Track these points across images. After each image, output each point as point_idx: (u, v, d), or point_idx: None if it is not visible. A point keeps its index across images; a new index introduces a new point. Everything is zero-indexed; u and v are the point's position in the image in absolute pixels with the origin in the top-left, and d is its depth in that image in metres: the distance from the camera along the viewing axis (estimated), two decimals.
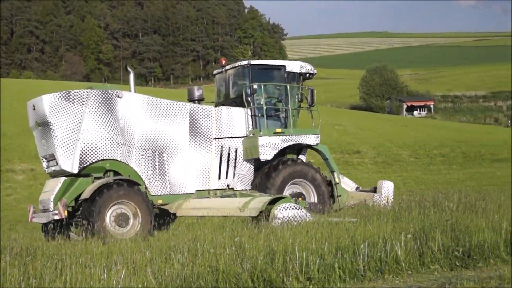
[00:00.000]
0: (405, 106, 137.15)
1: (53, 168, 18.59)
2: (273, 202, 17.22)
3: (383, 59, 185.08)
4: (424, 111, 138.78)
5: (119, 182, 18.05)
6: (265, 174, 20.34)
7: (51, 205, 17.93)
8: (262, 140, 20.18)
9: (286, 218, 16.37)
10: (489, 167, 47.64)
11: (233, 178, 20.45)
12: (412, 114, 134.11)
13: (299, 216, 16.55)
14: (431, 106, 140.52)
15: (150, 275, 10.50)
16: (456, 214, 15.32)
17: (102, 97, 18.53)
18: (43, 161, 19.09)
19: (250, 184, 20.69)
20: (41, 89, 54.79)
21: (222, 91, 22.19)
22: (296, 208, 16.88)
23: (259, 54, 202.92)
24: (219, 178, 20.25)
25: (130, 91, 19.32)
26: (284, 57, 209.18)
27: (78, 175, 18.26)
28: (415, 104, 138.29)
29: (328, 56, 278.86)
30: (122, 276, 10.34)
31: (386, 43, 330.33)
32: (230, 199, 19.20)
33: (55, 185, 18.25)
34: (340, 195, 21.42)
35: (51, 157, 18.48)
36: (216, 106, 20.87)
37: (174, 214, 19.52)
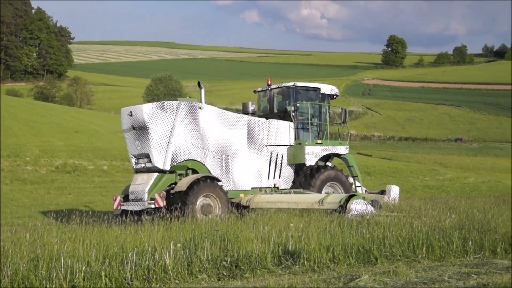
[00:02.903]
0: None
1: (143, 165, 21.71)
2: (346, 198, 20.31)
3: (169, 69, 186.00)
4: None
5: (209, 178, 21.40)
6: (308, 176, 24.15)
7: (146, 195, 21.19)
8: (308, 149, 24.54)
9: (358, 211, 19.25)
10: None
11: (279, 178, 24.51)
12: None
13: (367, 210, 19.49)
14: None
15: None
16: (227, 224, 15.43)
17: (189, 108, 22.02)
18: (132, 158, 22.19)
19: (291, 184, 24.67)
20: None
21: (265, 106, 26.29)
22: (365, 203, 19.98)
23: (45, 57, 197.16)
24: (268, 178, 24.27)
25: (201, 103, 22.57)
26: (70, 61, 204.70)
27: (164, 171, 21.51)
28: None
29: (115, 63, 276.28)
30: None
31: (172, 54, 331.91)
32: (306, 195, 22.65)
33: (148, 179, 21.46)
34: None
35: (144, 156, 21.63)
36: (266, 119, 24.64)
37: (243, 206, 22.43)
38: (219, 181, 21.98)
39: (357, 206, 19.66)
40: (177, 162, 21.63)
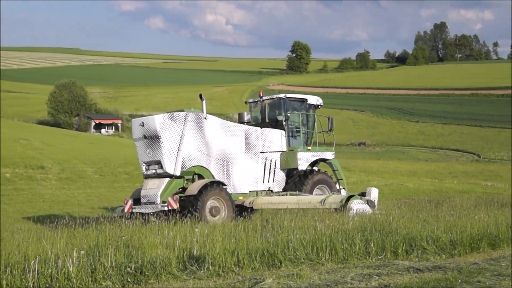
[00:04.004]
0: (93, 124, 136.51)
1: (153, 171, 23.33)
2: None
3: (73, 75, 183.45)
4: (112, 129, 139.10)
5: (216, 183, 23.25)
6: (300, 179, 26.28)
7: (158, 199, 22.78)
8: (300, 155, 26.70)
9: (357, 210, 21.08)
10: None
11: (273, 182, 26.53)
12: (100, 132, 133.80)
13: (365, 209, 21.47)
14: (119, 124, 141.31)
15: None
16: (131, 230, 15.31)
17: (196, 119, 23.77)
18: (143, 165, 23.72)
19: (283, 187, 26.68)
20: None
21: (257, 115, 28.33)
22: (363, 203, 22.09)
23: None
24: (263, 182, 26.28)
25: (203, 113, 24.13)
26: None
27: (173, 176, 23.13)
28: (103, 122, 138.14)
29: (18, 70, 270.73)
30: None
31: (77, 60, 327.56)
32: (306, 196, 24.45)
33: (160, 184, 23.12)
34: None
35: (155, 163, 23.23)
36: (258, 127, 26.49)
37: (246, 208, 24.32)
38: (225, 185, 23.98)
39: (356, 206, 21.64)
40: (186, 168, 23.44)
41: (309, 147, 27.43)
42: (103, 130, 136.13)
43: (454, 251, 15.78)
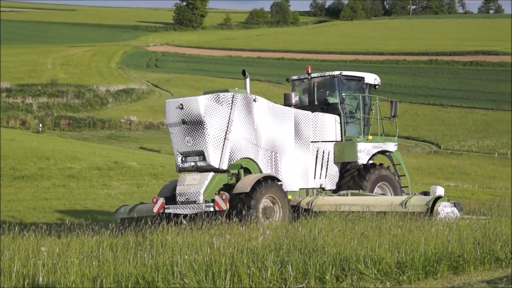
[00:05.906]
0: None
1: (192, 164, 25.63)
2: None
3: None
4: None
5: (270, 178, 25.46)
6: (358, 176, 28.83)
7: (201, 197, 24.69)
8: (360, 146, 29.31)
9: (445, 214, 24.07)
10: (9, 186, 47.97)
11: (325, 178, 29.05)
12: None
13: (453, 213, 24.46)
14: None
15: None
16: None
17: (244, 101, 26.10)
18: (178, 156, 25.96)
19: (335, 184, 29.35)
20: None
21: (302, 97, 30.72)
22: (451, 206, 24.90)
23: None
24: (314, 178, 28.69)
25: (251, 94, 26.52)
26: None
27: (218, 170, 25.23)
28: None
29: None
30: None
31: None
32: (379, 196, 27.69)
33: (202, 179, 25.03)
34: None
35: (195, 154, 25.48)
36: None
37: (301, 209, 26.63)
38: (280, 181, 26.21)
39: (444, 209, 24.38)
40: (234, 161, 25.68)
41: (370, 137, 30.19)
42: None
43: (402, 276, 16.06)
